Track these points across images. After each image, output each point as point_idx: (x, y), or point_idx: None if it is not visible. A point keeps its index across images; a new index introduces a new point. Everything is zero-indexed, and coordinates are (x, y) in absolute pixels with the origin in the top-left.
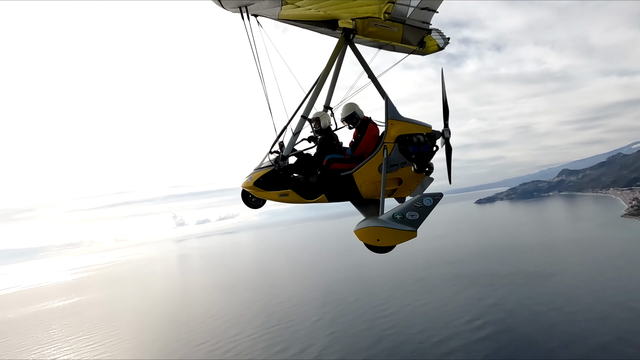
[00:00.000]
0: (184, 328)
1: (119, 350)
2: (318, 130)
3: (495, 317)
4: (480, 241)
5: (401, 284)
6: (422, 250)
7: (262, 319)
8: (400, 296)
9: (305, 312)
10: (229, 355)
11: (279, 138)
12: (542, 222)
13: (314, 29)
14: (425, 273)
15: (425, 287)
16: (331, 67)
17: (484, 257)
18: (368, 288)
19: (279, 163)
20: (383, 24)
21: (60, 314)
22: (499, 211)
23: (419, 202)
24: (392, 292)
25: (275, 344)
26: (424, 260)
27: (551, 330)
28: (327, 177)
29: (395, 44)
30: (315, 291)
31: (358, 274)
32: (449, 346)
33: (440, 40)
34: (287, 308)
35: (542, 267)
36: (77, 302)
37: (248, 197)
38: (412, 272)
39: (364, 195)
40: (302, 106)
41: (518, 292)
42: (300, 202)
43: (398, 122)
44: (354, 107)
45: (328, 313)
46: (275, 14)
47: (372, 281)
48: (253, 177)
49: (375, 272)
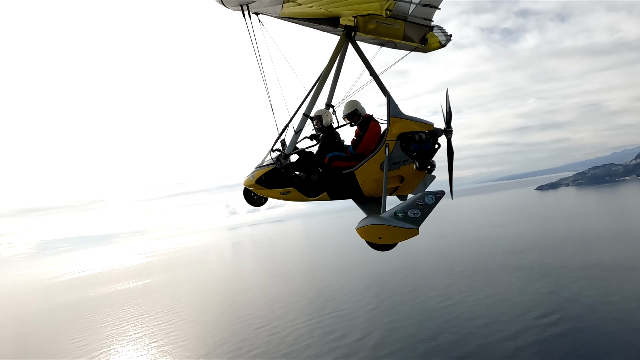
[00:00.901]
0: (242, 312)
1: (186, 330)
2: (320, 128)
3: (573, 313)
4: (544, 230)
5: (458, 275)
6: (480, 240)
7: (318, 305)
8: (459, 287)
9: (359, 301)
10: (289, 339)
11: (280, 136)
12: (617, 209)
13: (315, 27)
14: (485, 264)
15: (486, 279)
16: (333, 65)
17: (549, 248)
18: (423, 278)
19: (281, 161)
20: (385, 21)
21: (132, 294)
22: (564, 198)
23: (421, 199)
24: (449, 283)
25: (333, 331)
26: (482, 250)
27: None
28: (328, 175)
29: (397, 41)
30: (369, 280)
31: (412, 264)
32: (519, 342)
33: (442, 37)
34: (340, 296)
35: (622, 260)
36: (146, 284)
37: (250, 194)
38: (469, 263)
39: (366, 193)
40: (304, 104)
41: (599, 286)
42: (302, 200)
43: (400, 120)
44: (355, 105)
45: (383, 302)
46: (276, 12)
47: (427, 272)
48: (255, 175)
49: (429, 263)
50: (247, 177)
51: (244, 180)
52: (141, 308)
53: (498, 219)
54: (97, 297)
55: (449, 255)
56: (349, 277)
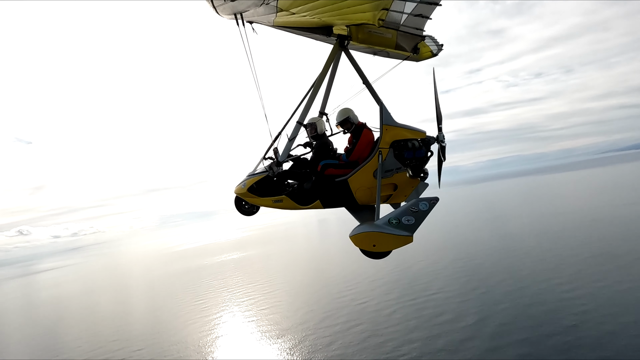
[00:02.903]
0: (340, 287)
1: (290, 300)
2: (314, 136)
3: None
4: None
5: (585, 261)
6: (608, 220)
7: (421, 284)
8: (590, 275)
9: (467, 282)
10: (397, 316)
11: (273, 144)
12: None
13: (308, 36)
14: (621, 249)
15: (624, 267)
16: (326, 73)
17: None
18: (543, 262)
19: (274, 169)
20: (377, 30)
21: (238, 264)
22: None
23: (415, 206)
24: (577, 268)
25: (441, 312)
26: (615, 233)
27: None
28: (321, 183)
29: (389, 50)
30: (476, 259)
31: (526, 245)
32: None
33: (434, 47)
34: (445, 275)
35: None
36: (244, 256)
37: (241, 203)
38: (597, 247)
39: (359, 201)
40: (297, 112)
41: None
42: (295, 208)
43: (393, 128)
44: (348, 112)
45: (496, 286)
46: (270, 21)
47: (547, 254)
48: (247, 183)
49: (549, 244)
50: (239, 185)
51: (235, 188)
52: (244, 277)
53: (629, 195)
54: (211, 265)
55: (569, 237)
56: (454, 255)
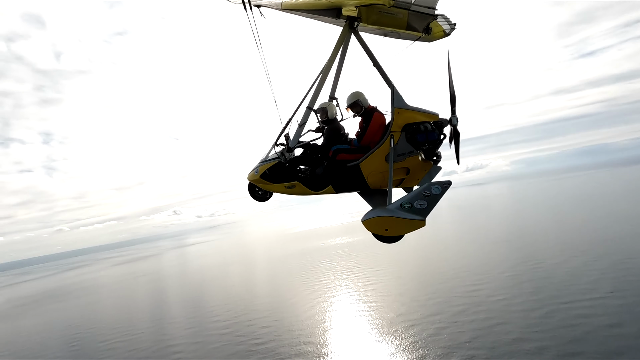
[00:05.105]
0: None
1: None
2: (324, 121)
3: None
4: None
5: None
6: None
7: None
8: None
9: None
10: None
11: (284, 130)
12: None
13: (317, 18)
14: None
15: None
16: (336, 57)
17: None
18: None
19: (285, 155)
20: (388, 10)
21: (352, 248)
22: None
23: (428, 190)
24: None
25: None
26: None
27: None
28: (333, 168)
29: (401, 31)
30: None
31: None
32: None
33: (447, 26)
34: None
35: None
36: (351, 242)
37: (255, 189)
38: None
39: (371, 186)
40: (307, 97)
41: None
42: (307, 193)
43: (405, 111)
44: (358, 95)
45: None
46: (278, 4)
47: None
48: (259, 170)
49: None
50: (252, 172)
51: (248, 175)
52: (362, 259)
53: None
54: (327, 247)
55: None
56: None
